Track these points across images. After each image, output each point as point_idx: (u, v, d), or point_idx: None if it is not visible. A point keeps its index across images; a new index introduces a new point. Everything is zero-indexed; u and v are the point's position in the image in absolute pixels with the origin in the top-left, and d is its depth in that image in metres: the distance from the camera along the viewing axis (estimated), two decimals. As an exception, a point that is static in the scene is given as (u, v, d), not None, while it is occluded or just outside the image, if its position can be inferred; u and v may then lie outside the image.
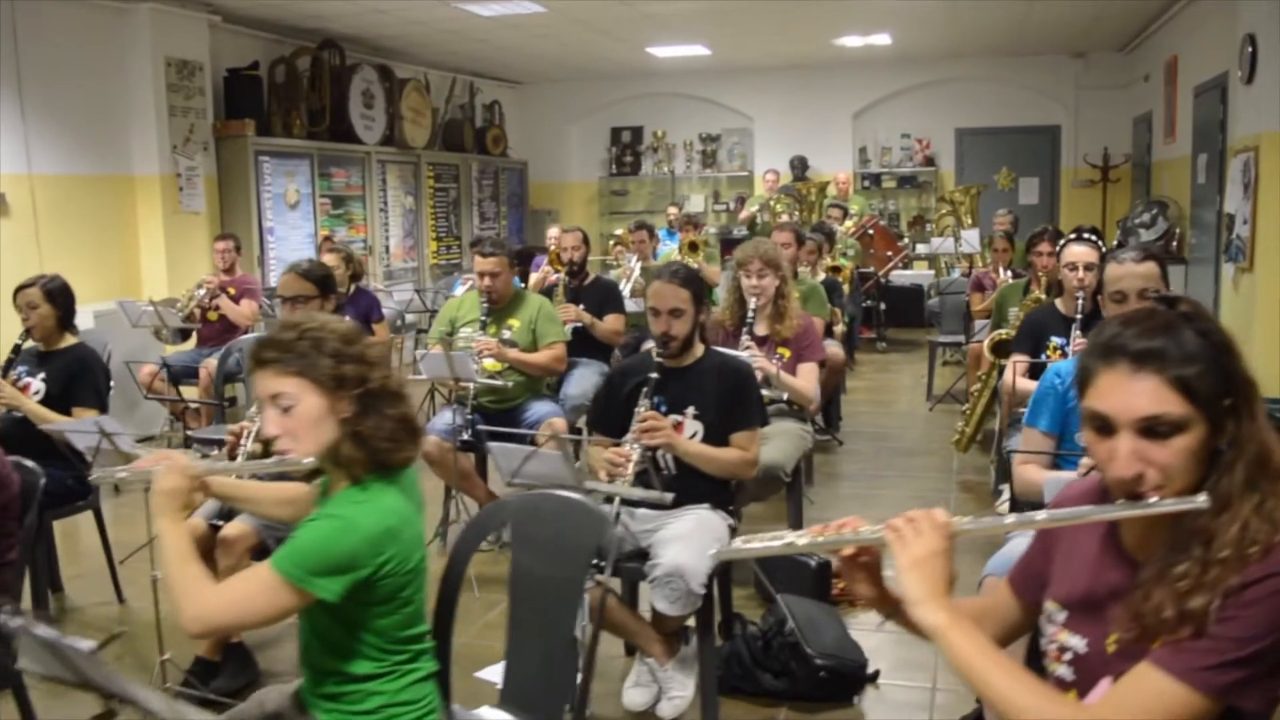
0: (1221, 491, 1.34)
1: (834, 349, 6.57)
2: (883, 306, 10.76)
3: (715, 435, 3.25)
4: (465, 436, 4.53)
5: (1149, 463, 1.34)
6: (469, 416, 4.57)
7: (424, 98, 10.70)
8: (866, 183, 12.71)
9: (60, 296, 4.17)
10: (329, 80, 9.19)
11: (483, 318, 4.74)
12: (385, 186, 10.08)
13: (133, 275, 7.70)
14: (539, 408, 4.75)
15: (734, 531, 3.27)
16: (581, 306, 6.09)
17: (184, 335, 6.96)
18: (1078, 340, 4.03)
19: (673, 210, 11.54)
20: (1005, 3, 8.85)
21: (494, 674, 3.41)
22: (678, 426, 3.26)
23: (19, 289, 4.14)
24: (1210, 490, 1.34)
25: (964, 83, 12.15)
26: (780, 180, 11.93)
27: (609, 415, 3.34)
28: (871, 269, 10.51)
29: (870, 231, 10.60)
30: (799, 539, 1.59)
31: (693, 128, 13.25)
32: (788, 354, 4.36)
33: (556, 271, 7.77)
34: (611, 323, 6.13)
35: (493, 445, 2.90)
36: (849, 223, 10.95)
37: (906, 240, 11.69)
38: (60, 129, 7.08)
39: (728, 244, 11.13)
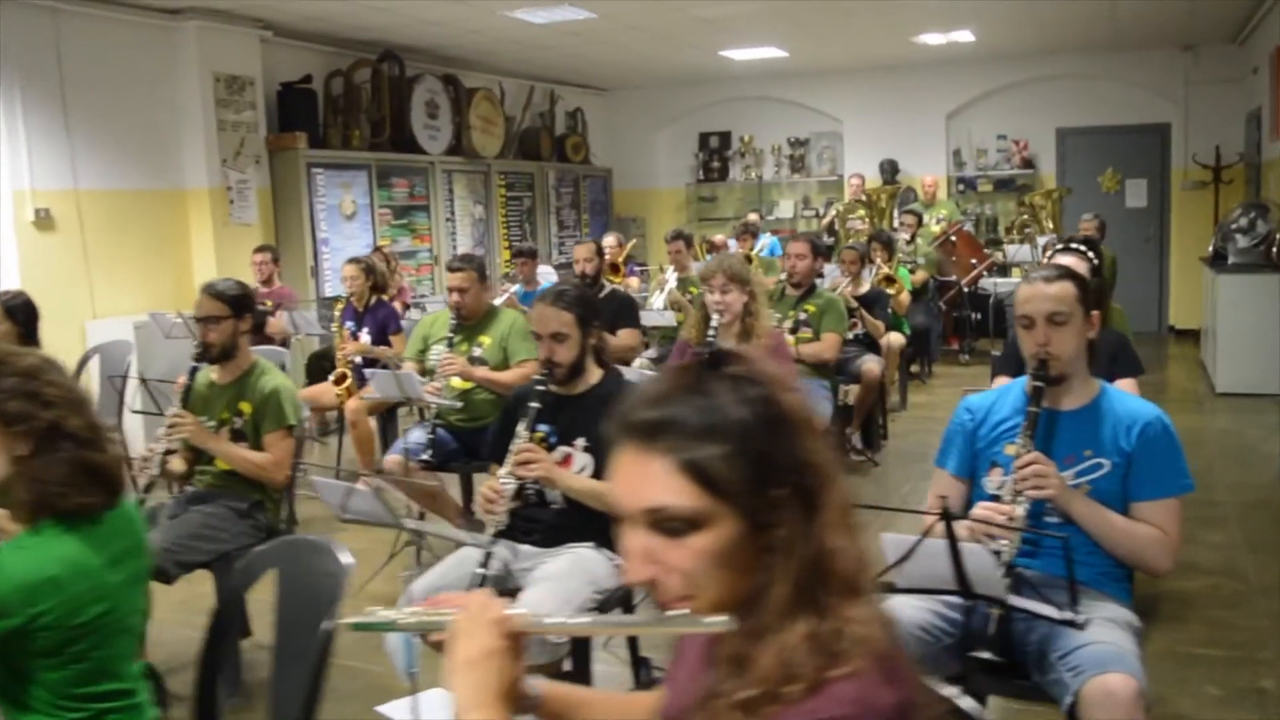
0: (761, 609, 1.04)
1: (870, 365, 6.20)
2: (976, 316, 10.22)
3: (604, 470, 3.00)
4: (425, 456, 4.38)
5: (664, 566, 1.05)
6: (430, 436, 4.43)
7: (495, 107, 10.67)
8: (961, 186, 12.09)
9: (21, 314, 4.22)
10: (388, 91, 9.24)
11: (449, 334, 4.60)
12: (452, 196, 10.08)
13: (186, 287, 7.84)
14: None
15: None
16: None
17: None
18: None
19: (752, 217, 11.24)
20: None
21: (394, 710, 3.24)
22: (566, 459, 3.03)
23: (-20, 307, 4.20)
24: (745, 607, 1.04)
25: (1065, 80, 11.40)
26: (865, 184, 11.47)
27: (505, 445, 3.13)
28: (954, 277, 9.98)
29: (953, 238, 10.05)
30: (407, 617, 1.36)
31: (781, 132, 12.87)
32: (753, 376, 4.05)
33: (611, 282, 7.64)
34: (625, 338, 5.92)
35: (315, 480, 2.73)
36: (935, 228, 10.45)
37: (1009, 244, 11.06)
38: (107, 145, 7.27)
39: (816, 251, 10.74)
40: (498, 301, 7.24)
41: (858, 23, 9.33)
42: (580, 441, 3.03)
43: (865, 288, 6.76)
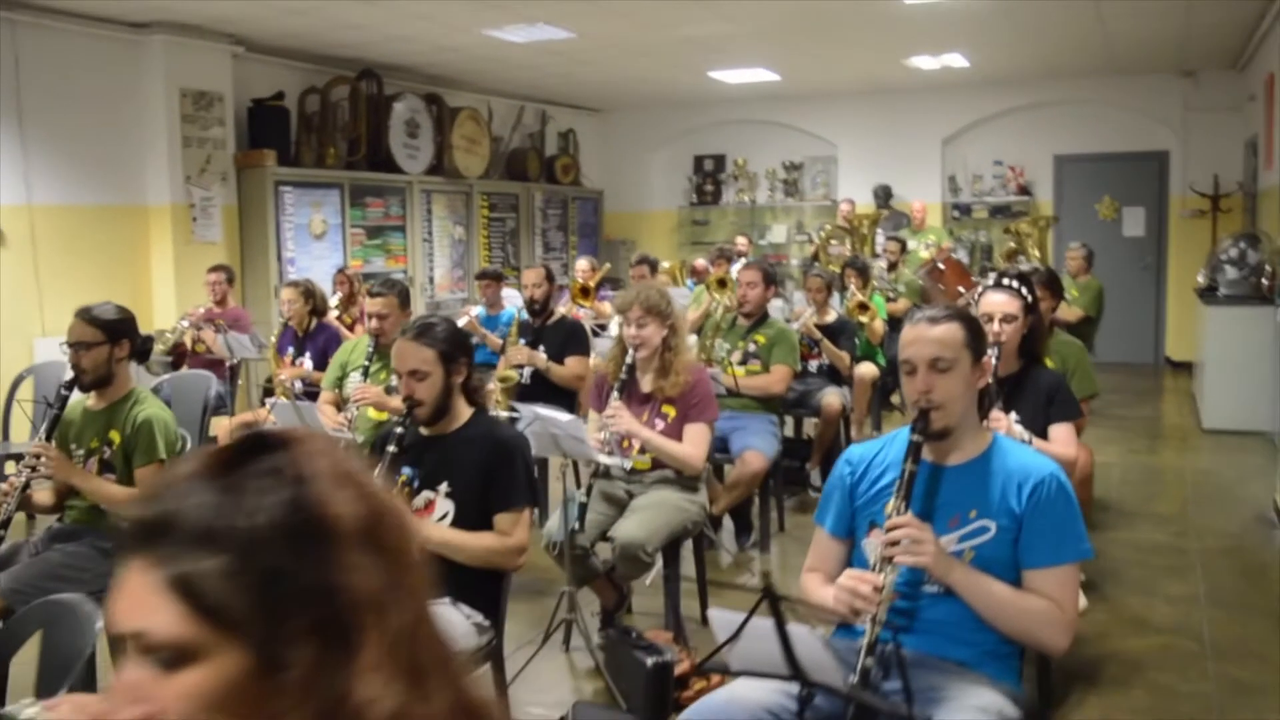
0: None
1: (830, 398, 5.97)
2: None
3: (471, 517, 2.79)
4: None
5: (154, 706, 0.80)
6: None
7: (480, 126, 10.51)
8: (956, 213, 11.84)
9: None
10: (365, 109, 9.09)
11: (366, 362, 4.40)
12: (430, 216, 9.92)
13: (145, 305, 7.70)
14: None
15: (484, 630, 2.79)
16: (543, 348, 5.70)
17: (175, 366, 6.89)
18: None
19: (741, 241, 11.01)
20: (1075, 20, 8.01)
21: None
22: (428, 505, 2.82)
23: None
24: None
25: (1063, 106, 11.16)
26: (855, 209, 11.23)
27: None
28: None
29: (941, 265, 9.78)
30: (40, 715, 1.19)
31: (776, 155, 12.67)
32: (673, 413, 3.83)
33: (580, 306, 7.43)
34: (573, 366, 5.71)
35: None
36: (924, 254, 10.19)
37: (993, 272, 10.80)
38: (66, 159, 7.14)
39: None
40: (460, 324, 7.08)
41: (847, 45, 9.14)
42: (443, 486, 2.82)
43: (832, 317, 6.51)
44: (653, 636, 3.71)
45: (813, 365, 6.24)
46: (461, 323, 6.94)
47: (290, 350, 5.97)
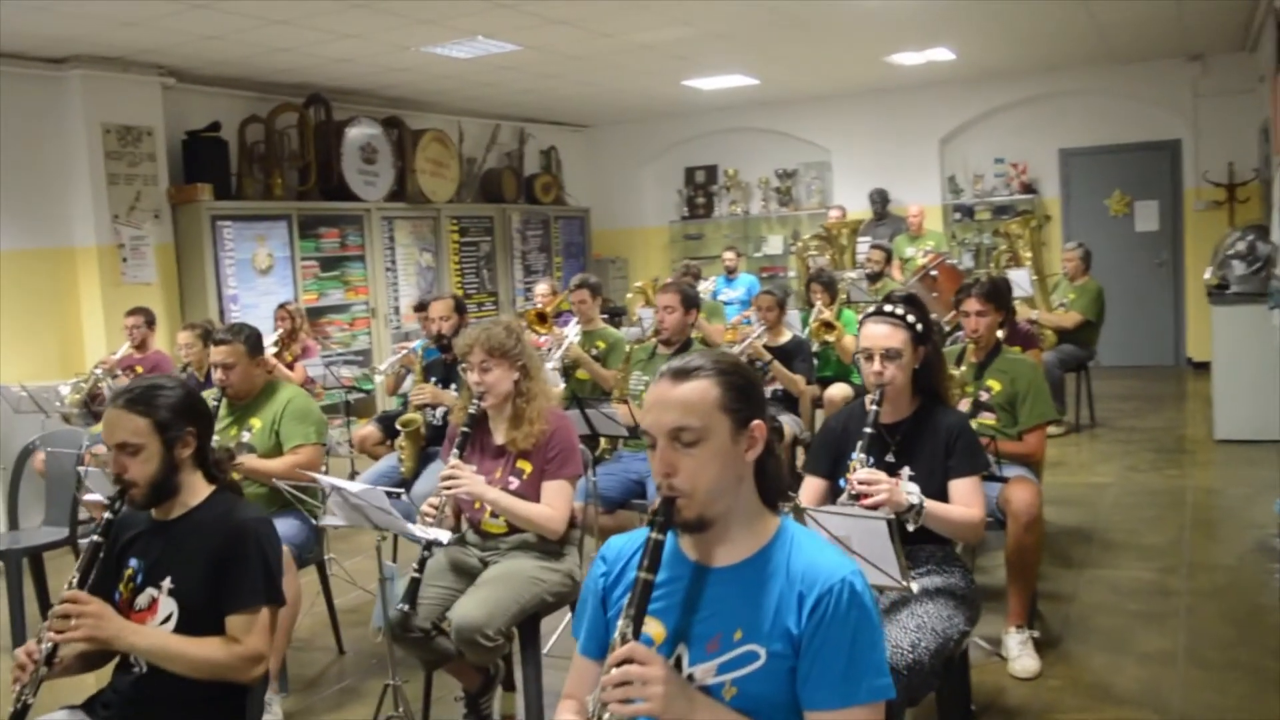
0: None
1: (786, 427, 5.41)
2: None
3: (198, 619, 2.28)
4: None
5: None
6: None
7: (447, 148, 10.08)
8: (958, 215, 11.20)
9: None
10: (314, 136, 8.68)
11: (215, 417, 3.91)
12: (393, 244, 9.49)
13: (75, 352, 7.34)
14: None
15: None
16: (454, 387, 5.19)
17: (96, 417, 6.49)
18: (859, 458, 2.80)
19: (728, 255, 10.47)
20: (1054, 3, 7.40)
21: None
22: (151, 606, 2.32)
23: None
24: None
25: (1066, 97, 10.50)
26: (846, 216, 10.63)
27: (106, 585, 2.41)
28: (935, 315, 9.06)
29: (934, 272, 9.16)
30: None
31: (769, 163, 12.11)
32: (529, 469, 3.30)
33: (538, 334, 6.92)
34: (487, 404, 5.18)
35: None
36: (921, 260, 9.58)
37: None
38: (-20, 203, 6.82)
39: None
40: (386, 364, 6.59)
41: (817, 44, 8.58)
42: (166, 582, 2.31)
43: (786, 336, 5.95)
44: (509, 730, 3.20)
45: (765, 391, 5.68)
46: (394, 360, 6.48)
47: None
